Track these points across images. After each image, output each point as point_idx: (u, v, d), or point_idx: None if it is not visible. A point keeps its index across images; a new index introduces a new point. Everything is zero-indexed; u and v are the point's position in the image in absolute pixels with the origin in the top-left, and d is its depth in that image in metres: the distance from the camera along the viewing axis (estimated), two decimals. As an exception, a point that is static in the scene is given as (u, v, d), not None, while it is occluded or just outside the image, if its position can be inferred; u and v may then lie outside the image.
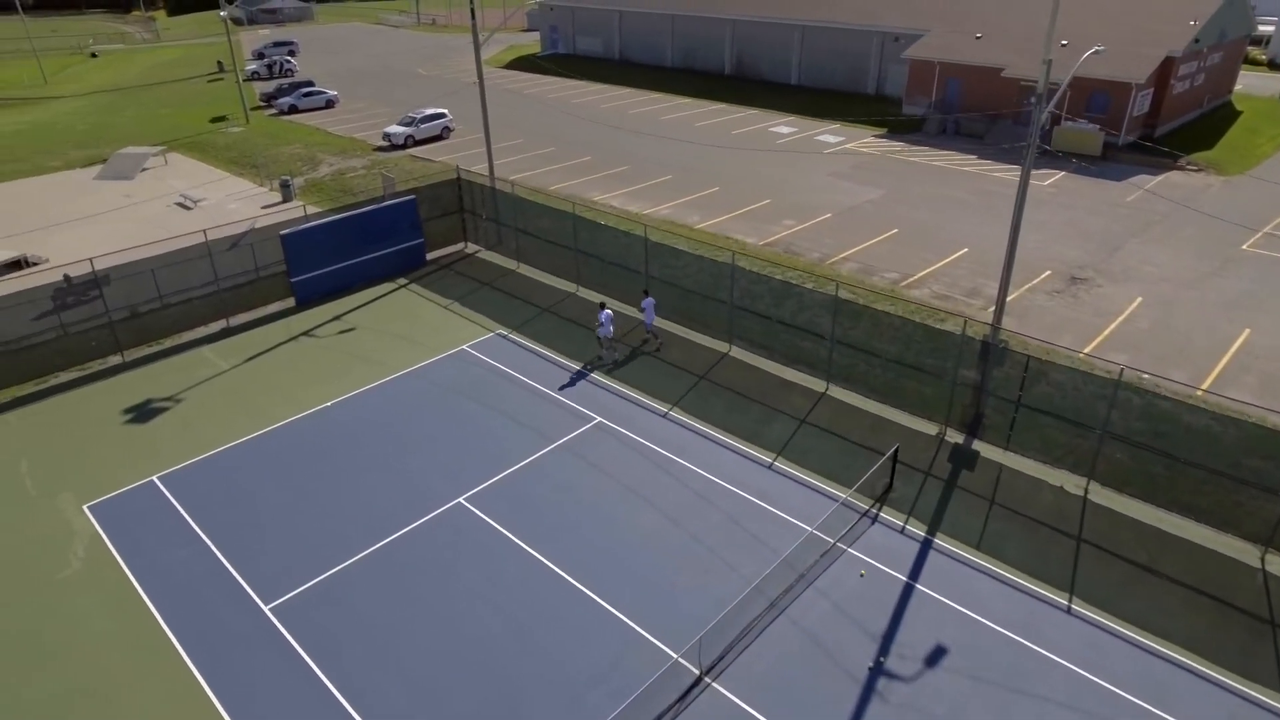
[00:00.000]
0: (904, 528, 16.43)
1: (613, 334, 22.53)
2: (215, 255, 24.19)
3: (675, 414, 20.29)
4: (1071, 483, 17.58)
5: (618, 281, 25.67)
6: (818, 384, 21.44)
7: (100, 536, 16.57)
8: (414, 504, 17.32)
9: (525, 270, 28.70)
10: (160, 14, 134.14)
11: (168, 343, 24.08)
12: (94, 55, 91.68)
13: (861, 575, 15.21)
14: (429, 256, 29.55)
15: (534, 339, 23.99)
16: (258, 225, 33.18)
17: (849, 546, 15.94)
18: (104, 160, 43.67)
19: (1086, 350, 22.77)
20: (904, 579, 15.13)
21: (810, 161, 41.82)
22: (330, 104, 57.40)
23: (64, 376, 22.39)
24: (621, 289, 25.72)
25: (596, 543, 16.14)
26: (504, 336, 24.16)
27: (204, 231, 23.97)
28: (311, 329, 24.81)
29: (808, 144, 45.78)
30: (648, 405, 20.65)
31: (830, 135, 47.63)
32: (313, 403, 21.01)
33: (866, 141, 46.07)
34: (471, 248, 30.80)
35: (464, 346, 23.58)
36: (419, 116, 46.27)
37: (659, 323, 24.65)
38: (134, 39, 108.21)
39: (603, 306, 22.04)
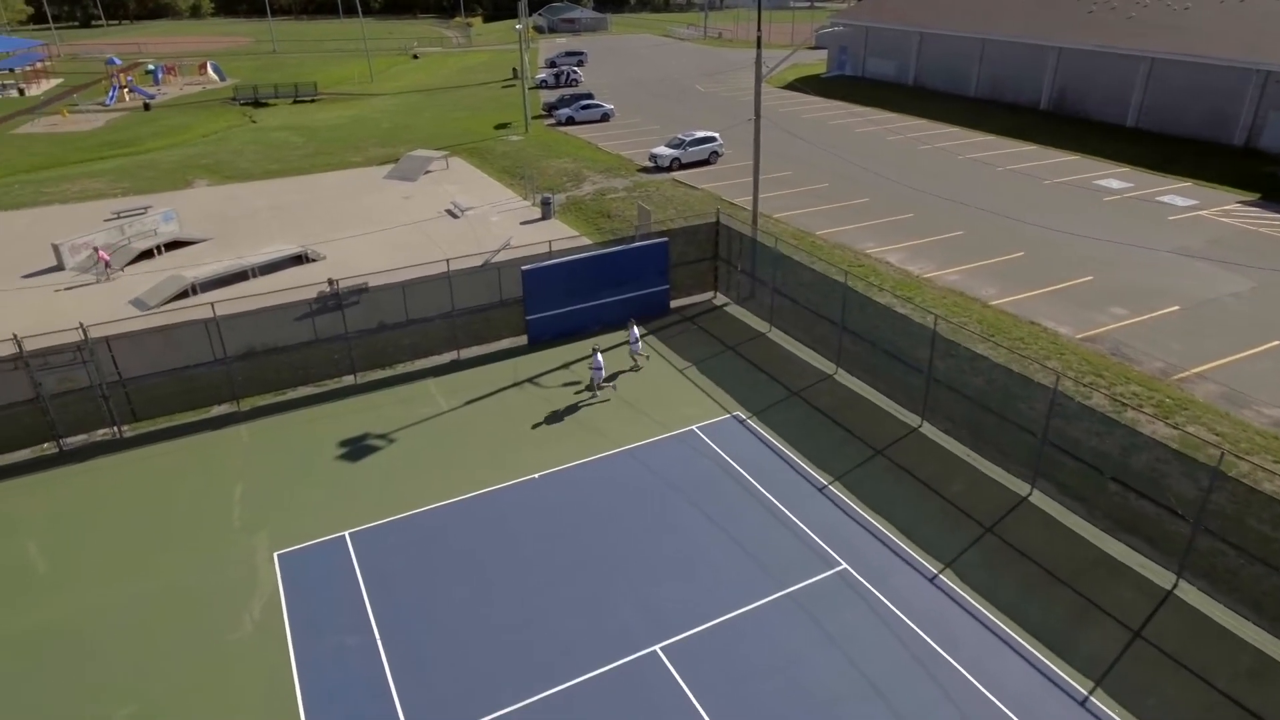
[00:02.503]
0: None
1: (604, 375, 22.00)
2: (457, 280, 23.03)
3: (947, 579, 15.41)
4: None
5: (888, 368, 21.00)
6: (1162, 576, 15.38)
7: (279, 597, 15.33)
8: (603, 640, 14.23)
9: (778, 336, 24.85)
10: (477, 20, 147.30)
11: (399, 368, 23.36)
12: (415, 57, 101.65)
13: None
14: (673, 304, 26.74)
15: (776, 431, 20.10)
16: (512, 243, 32.58)
17: None
18: (396, 160, 46.36)
19: None
20: None
21: (1149, 230, 33.65)
22: (606, 117, 57.41)
23: (302, 391, 22.30)
24: (891, 381, 21.00)
25: (821, 768, 11.99)
26: (741, 421, 20.54)
27: (447, 261, 22.91)
28: (538, 375, 22.90)
29: (1146, 206, 37.22)
30: (911, 558, 15.95)
31: (1177, 196, 38.48)
32: (521, 469, 18.82)
33: (1229, 209, 36.51)
34: (721, 299, 27.54)
35: (693, 427, 20.30)
36: (688, 139, 44.10)
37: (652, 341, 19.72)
38: (450, 43, 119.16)
39: (595, 351, 21.74)
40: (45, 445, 20.01)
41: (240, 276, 30.17)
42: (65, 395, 19.61)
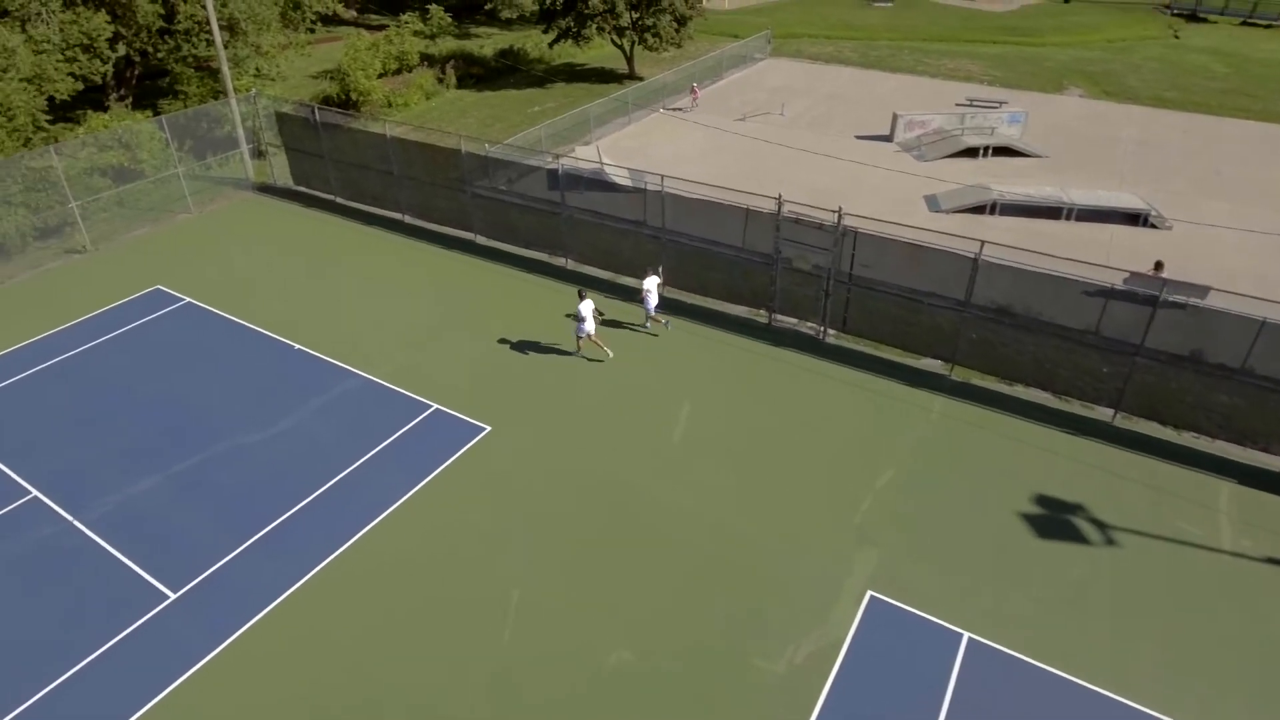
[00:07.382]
0: None
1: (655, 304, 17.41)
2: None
3: None
4: None
5: None
6: None
7: (836, 656, 10.87)
8: None
9: None
10: None
11: (1186, 438, 15.00)
12: None
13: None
14: None
15: None
16: None
17: None
18: (1352, 128, 31.75)
19: None
20: None
21: None
22: None
23: (1032, 394, 16.18)
24: None
25: None
26: None
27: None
28: None
29: None
30: None
31: None
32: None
33: None
34: None
35: None
36: None
37: None
38: None
39: (649, 272, 17.59)
40: (760, 312, 18.85)
41: (1052, 213, 24.24)
42: (797, 273, 17.69)
